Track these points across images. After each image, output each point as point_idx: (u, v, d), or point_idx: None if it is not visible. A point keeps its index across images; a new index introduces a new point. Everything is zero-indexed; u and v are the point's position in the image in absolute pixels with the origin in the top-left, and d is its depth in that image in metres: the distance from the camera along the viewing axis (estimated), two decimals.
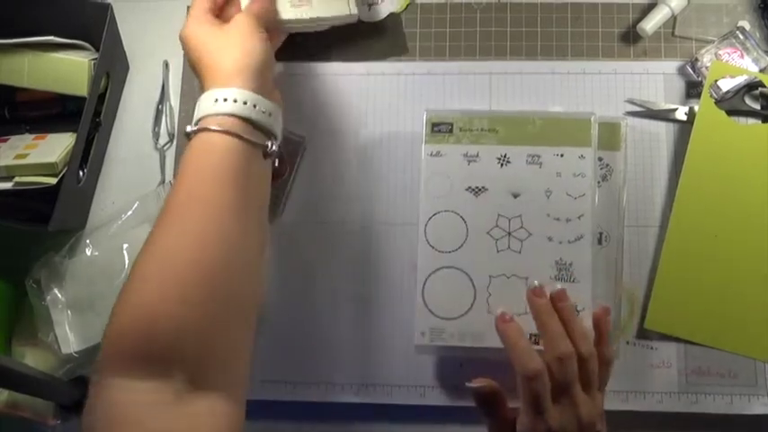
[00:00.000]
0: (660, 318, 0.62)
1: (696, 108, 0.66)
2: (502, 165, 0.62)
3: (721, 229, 0.62)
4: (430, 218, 0.62)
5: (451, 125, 0.63)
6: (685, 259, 0.62)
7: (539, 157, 0.62)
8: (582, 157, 0.61)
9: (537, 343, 0.56)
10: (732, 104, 0.66)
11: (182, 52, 0.73)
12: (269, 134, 0.52)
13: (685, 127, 0.67)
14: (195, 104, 0.52)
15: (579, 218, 0.60)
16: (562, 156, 0.61)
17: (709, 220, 0.62)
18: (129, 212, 0.69)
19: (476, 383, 0.55)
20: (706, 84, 0.65)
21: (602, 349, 0.55)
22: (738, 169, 0.63)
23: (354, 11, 0.69)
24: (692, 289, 0.62)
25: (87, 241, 0.68)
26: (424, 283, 0.61)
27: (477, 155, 0.62)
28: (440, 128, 0.63)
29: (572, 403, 0.51)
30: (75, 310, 0.66)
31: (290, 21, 0.71)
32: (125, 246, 0.67)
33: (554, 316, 0.55)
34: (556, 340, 0.53)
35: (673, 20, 0.69)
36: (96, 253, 0.68)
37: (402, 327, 0.65)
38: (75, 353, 0.65)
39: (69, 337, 0.65)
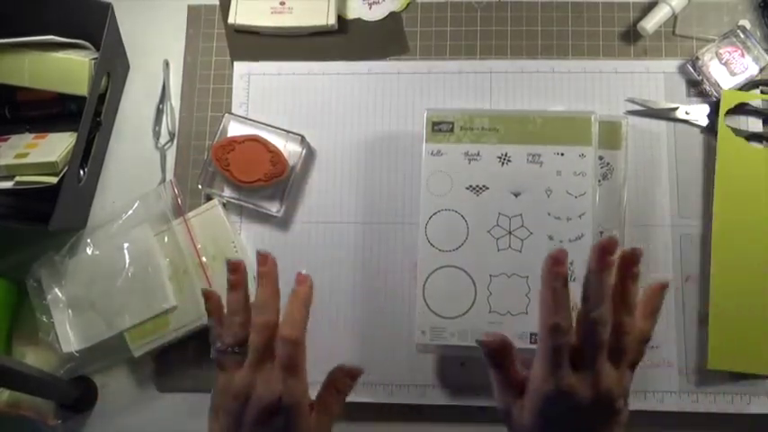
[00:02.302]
0: (721, 358, 0.62)
1: (694, 112, 0.67)
2: (502, 163, 0.62)
3: (765, 258, 0.62)
4: (430, 217, 0.62)
5: (452, 124, 0.63)
6: (735, 295, 0.62)
7: (539, 155, 0.61)
8: (582, 155, 0.61)
9: (533, 342, 0.57)
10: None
11: (182, 52, 0.74)
12: None
13: (686, 126, 0.67)
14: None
15: (580, 217, 0.60)
16: (563, 155, 0.61)
17: (750, 252, 0.63)
18: (130, 212, 0.69)
19: (486, 337, 0.50)
20: (720, 115, 0.65)
21: (644, 324, 0.50)
22: None
23: (333, 21, 0.70)
24: (747, 324, 0.62)
25: (88, 240, 0.68)
26: (425, 282, 0.61)
27: (478, 154, 0.62)
28: (440, 127, 0.63)
29: (593, 371, 0.47)
30: (76, 310, 0.66)
31: (269, 27, 0.72)
32: (126, 245, 0.67)
33: (607, 278, 0.47)
34: (597, 302, 0.47)
35: (673, 19, 0.69)
36: (97, 252, 0.68)
37: (403, 326, 0.65)
38: (76, 352, 0.65)
39: (70, 336, 0.65)
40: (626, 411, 0.49)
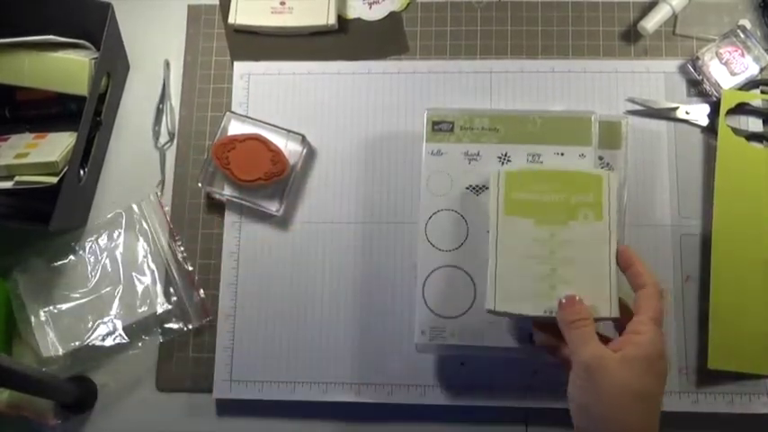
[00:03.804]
0: (722, 357, 0.62)
1: (694, 112, 0.67)
2: (503, 163, 0.62)
3: (765, 258, 0.62)
4: (430, 216, 0.62)
5: (452, 124, 0.63)
6: (735, 295, 0.62)
7: (539, 155, 0.61)
8: (582, 155, 0.61)
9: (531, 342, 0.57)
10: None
11: (182, 52, 0.74)
12: None
13: (686, 126, 0.67)
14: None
15: None
16: (563, 154, 0.61)
17: (750, 252, 0.63)
18: (113, 220, 0.69)
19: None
20: (720, 115, 0.65)
21: None
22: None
23: (333, 21, 0.70)
24: (747, 324, 0.62)
25: (70, 245, 0.68)
26: (425, 282, 0.61)
27: (478, 153, 0.62)
28: (440, 126, 0.63)
29: None
30: (57, 314, 0.66)
31: (269, 27, 0.72)
32: (107, 252, 0.68)
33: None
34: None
35: (673, 18, 0.69)
36: (76, 258, 0.68)
37: (402, 325, 0.65)
38: (55, 356, 0.65)
39: (49, 340, 0.65)
40: None
